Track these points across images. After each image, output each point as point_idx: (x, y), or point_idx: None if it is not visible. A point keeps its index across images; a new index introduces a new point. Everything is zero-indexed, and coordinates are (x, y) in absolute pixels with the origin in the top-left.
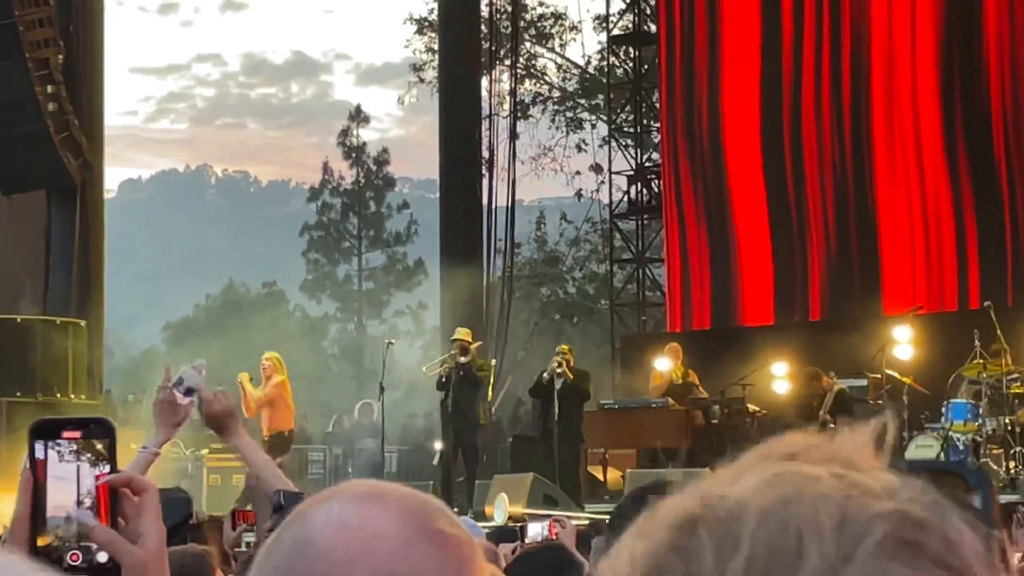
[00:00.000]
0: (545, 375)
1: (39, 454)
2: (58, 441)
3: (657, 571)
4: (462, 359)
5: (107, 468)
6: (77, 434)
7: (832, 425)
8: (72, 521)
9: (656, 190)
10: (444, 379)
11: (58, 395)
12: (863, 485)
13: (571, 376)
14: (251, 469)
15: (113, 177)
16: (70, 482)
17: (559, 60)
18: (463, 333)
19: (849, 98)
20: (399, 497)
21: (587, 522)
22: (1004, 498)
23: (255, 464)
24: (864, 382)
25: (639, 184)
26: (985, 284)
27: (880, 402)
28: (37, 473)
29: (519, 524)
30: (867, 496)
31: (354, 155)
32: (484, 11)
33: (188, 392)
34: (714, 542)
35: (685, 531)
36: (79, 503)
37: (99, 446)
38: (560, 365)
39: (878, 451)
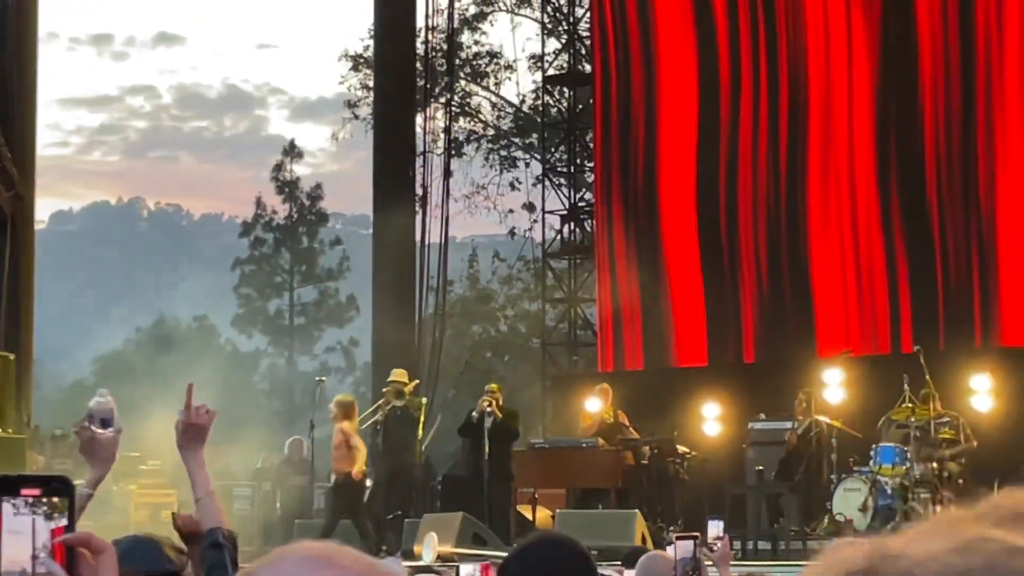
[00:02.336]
0: (475, 414)
1: None
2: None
3: None
4: (397, 402)
5: (63, 522)
6: (36, 491)
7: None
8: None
9: (589, 230)
10: (380, 425)
11: None
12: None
13: (500, 415)
14: (195, 493)
15: (44, 208)
16: (25, 536)
17: (494, 99)
18: (399, 375)
19: (785, 140)
20: (351, 563)
21: None
22: None
23: (199, 491)
24: (793, 424)
25: (572, 223)
26: (917, 328)
27: (810, 445)
28: None
29: (452, 564)
30: None
31: (287, 190)
32: (419, 49)
33: (104, 424)
34: None
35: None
36: (34, 557)
37: (55, 500)
38: (490, 404)
39: None
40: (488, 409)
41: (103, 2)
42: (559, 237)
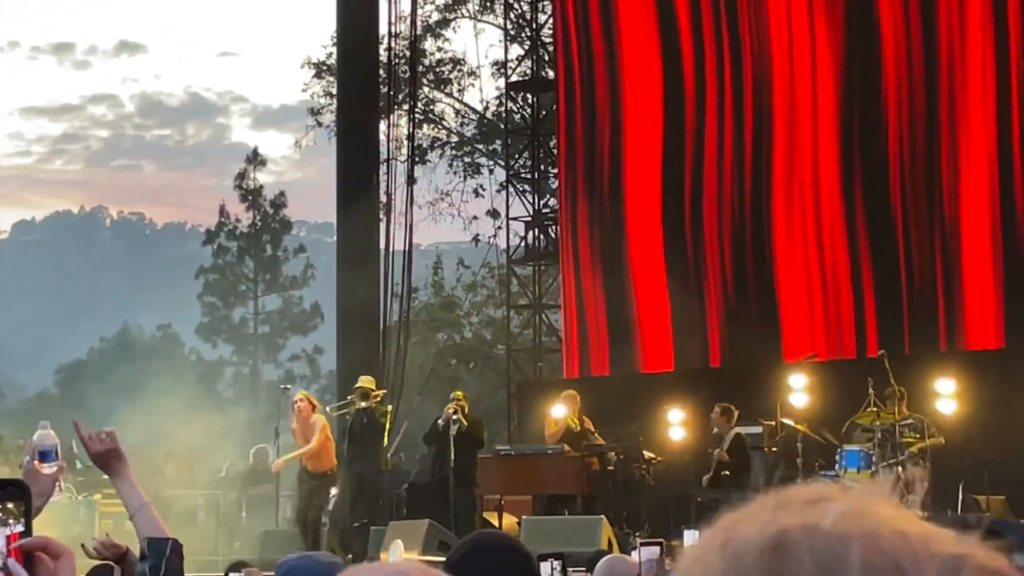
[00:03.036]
0: (440, 422)
1: None
2: None
3: None
4: (362, 404)
5: (19, 528)
6: None
7: (726, 466)
8: None
9: (553, 236)
10: (346, 426)
11: None
12: (931, 529)
13: (466, 422)
14: (128, 510)
15: (6, 218)
16: None
17: (457, 105)
18: (366, 381)
19: (750, 146)
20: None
21: None
22: None
23: (132, 507)
24: (759, 429)
25: (536, 230)
26: (882, 332)
27: (775, 449)
28: None
29: None
30: (942, 538)
31: (251, 198)
32: (383, 56)
33: (43, 457)
34: (817, 565)
35: (780, 554)
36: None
37: (10, 506)
38: (455, 411)
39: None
40: (454, 417)
41: (64, 11)
42: (523, 244)
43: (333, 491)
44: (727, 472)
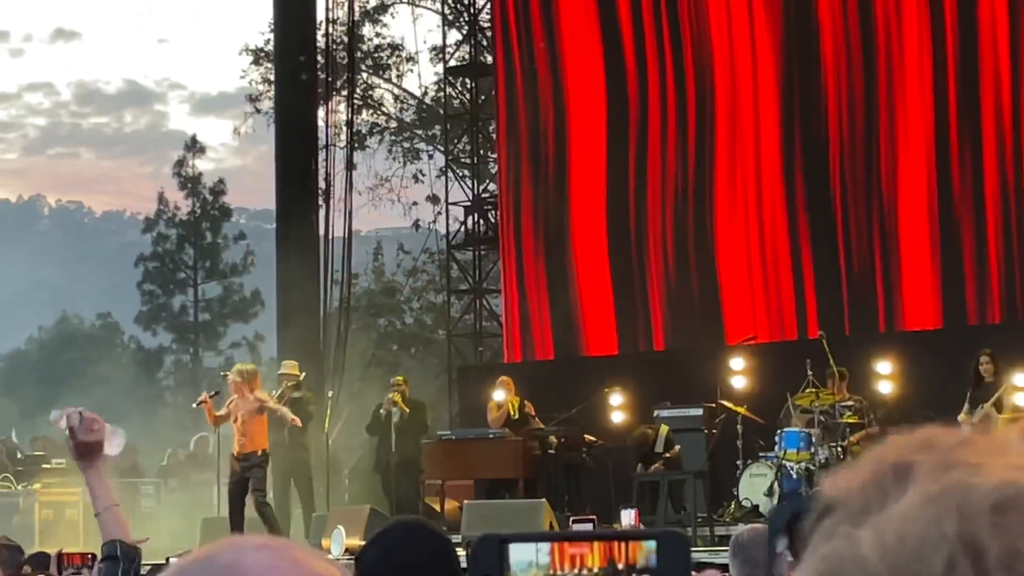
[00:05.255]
0: (381, 412)
1: None
2: None
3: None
4: (296, 394)
5: None
6: None
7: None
8: None
9: (493, 221)
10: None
11: None
12: None
13: (406, 409)
14: (95, 506)
15: None
16: None
17: (396, 91)
18: (290, 367)
19: (693, 129)
20: (300, 549)
21: None
22: None
23: (100, 504)
24: (699, 411)
25: (476, 215)
26: (823, 314)
27: (714, 431)
28: None
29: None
30: None
31: (190, 185)
32: (320, 42)
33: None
34: None
35: (1003, 510)
36: None
37: None
38: (397, 396)
39: None
40: (395, 407)
41: None
42: (463, 229)
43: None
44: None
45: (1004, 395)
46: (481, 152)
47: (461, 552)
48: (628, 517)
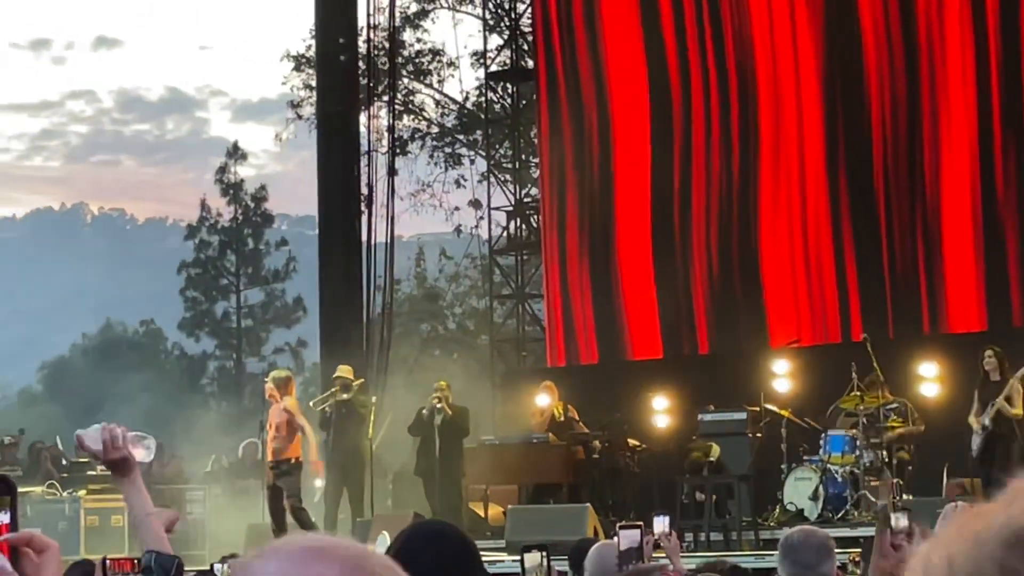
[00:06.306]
0: (424, 412)
1: None
2: None
3: None
4: (344, 396)
5: (4, 519)
6: None
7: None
8: None
9: (535, 225)
10: (327, 417)
11: None
12: None
13: (450, 412)
14: (132, 517)
15: None
16: None
17: (437, 96)
18: (344, 371)
19: (737, 132)
20: (343, 554)
21: None
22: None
23: (137, 515)
24: (744, 415)
25: (518, 219)
26: (866, 316)
27: (759, 435)
28: None
29: None
30: None
31: (232, 192)
32: (362, 48)
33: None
34: None
35: (1017, 552)
36: None
37: None
38: (439, 401)
39: None
40: (438, 406)
41: (41, 6)
42: (505, 233)
43: (318, 482)
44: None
45: (1012, 390)
46: (523, 156)
47: (514, 557)
48: (661, 524)
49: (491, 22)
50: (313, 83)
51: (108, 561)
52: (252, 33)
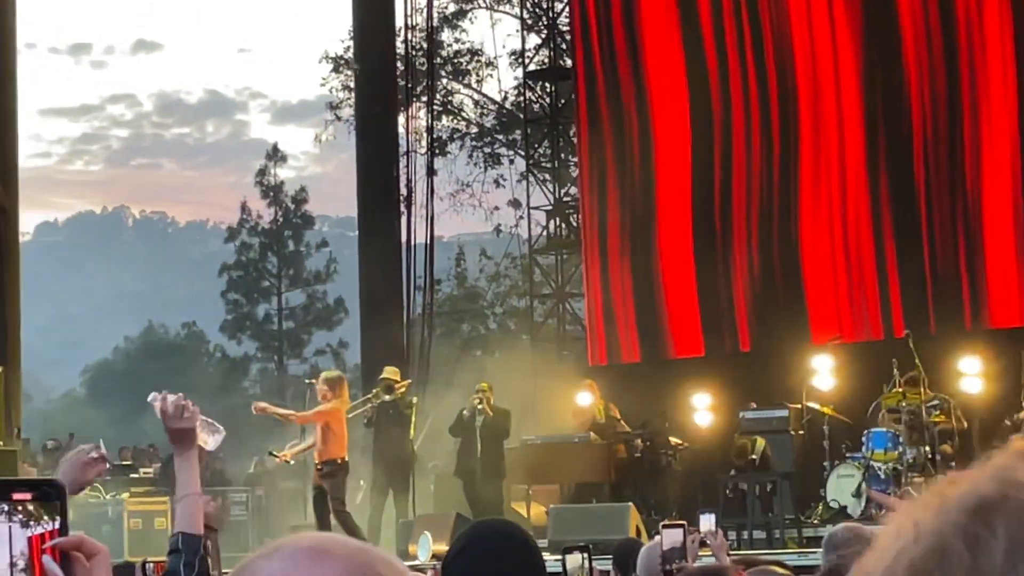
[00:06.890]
0: (465, 412)
1: None
2: None
3: (940, 553)
4: (386, 397)
5: (39, 529)
6: (28, 496)
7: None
8: None
9: (575, 224)
10: (370, 418)
11: None
12: None
13: (491, 413)
14: (176, 493)
15: (28, 220)
16: (2, 544)
17: (476, 96)
18: (390, 372)
19: (777, 128)
20: (345, 553)
21: None
22: None
23: (180, 492)
24: (785, 412)
25: (557, 218)
26: (908, 312)
27: (801, 432)
28: None
29: None
30: None
31: (272, 194)
32: (400, 48)
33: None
34: (1008, 540)
35: (979, 518)
36: (12, 565)
37: (31, 507)
38: (480, 402)
39: None
40: (479, 407)
41: (80, 11)
42: (545, 233)
43: (362, 483)
44: None
45: None
46: (562, 156)
47: (556, 557)
48: (708, 522)
49: (529, 21)
50: (352, 84)
51: (148, 564)
52: (291, 35)
